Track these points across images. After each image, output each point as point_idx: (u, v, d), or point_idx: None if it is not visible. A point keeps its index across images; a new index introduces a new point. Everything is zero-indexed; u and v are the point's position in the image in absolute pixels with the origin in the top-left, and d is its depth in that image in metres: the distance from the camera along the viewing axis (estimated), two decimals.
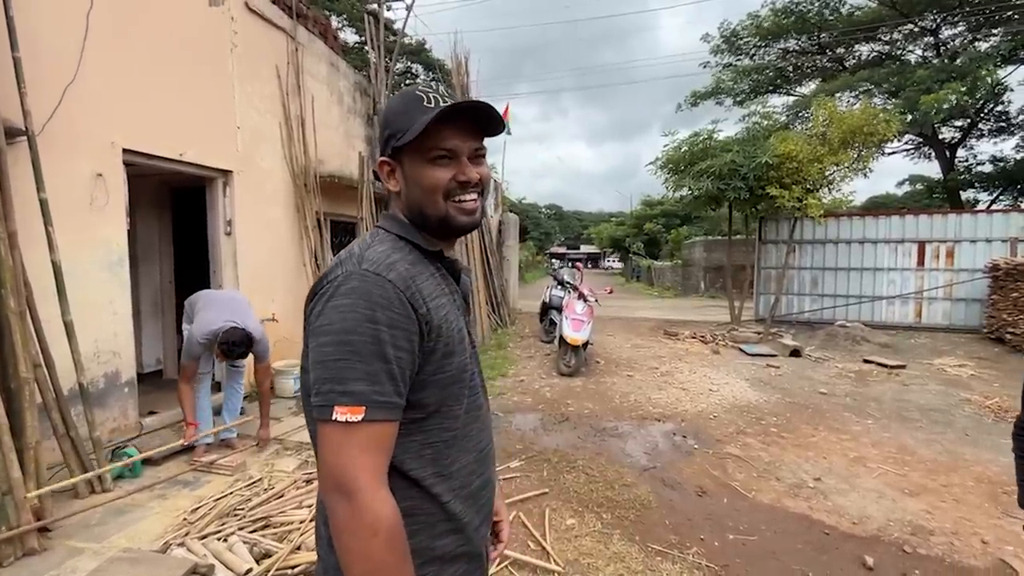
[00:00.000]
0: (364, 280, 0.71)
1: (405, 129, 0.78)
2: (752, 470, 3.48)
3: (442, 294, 0.81)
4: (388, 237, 0.82)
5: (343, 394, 0.68)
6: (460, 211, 0.82)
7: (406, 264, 0.77)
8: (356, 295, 0.70)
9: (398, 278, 0.73)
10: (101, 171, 3.41)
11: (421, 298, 0.74)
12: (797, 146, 8.29)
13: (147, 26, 3.73)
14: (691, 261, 21.78)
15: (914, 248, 9.53)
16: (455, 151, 0.80)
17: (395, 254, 0.77)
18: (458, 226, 0.83)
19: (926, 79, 13.60)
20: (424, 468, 0.78)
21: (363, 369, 0.68)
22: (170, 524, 2.59)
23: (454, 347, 0.79)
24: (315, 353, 0.72)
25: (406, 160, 0.81)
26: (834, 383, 5.88)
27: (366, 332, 0.69)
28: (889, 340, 8.17)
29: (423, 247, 0.83)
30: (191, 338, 3.26)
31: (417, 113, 0.77)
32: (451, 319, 0.80)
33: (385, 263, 0.74)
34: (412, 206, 0.83)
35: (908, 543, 2.60)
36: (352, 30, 16.68)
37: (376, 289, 0.71)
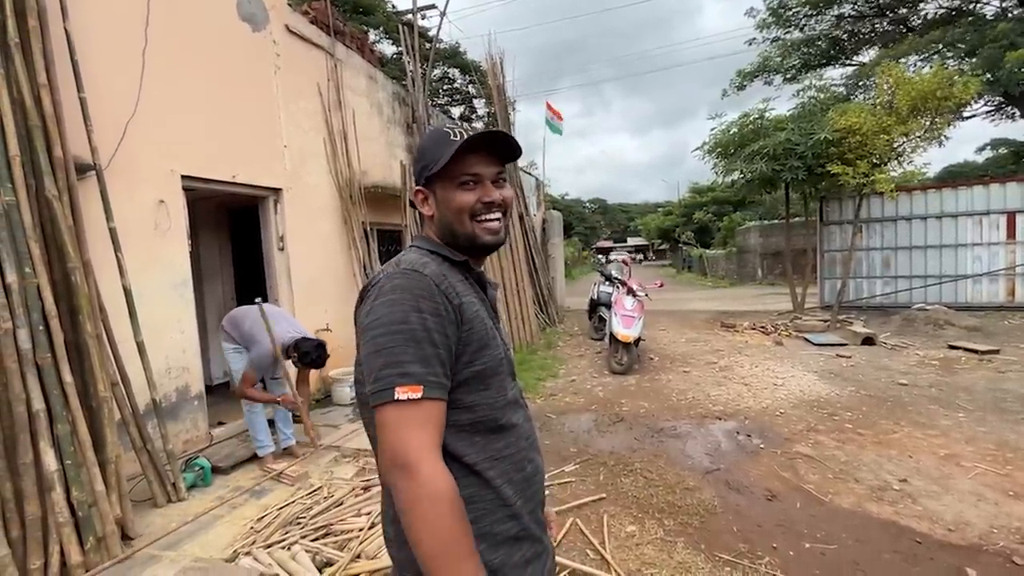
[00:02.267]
0: (405, 276, 0.81)
1: (436, 160, 0.89)
2: (827, 471, 3.23)
3: (471, 294, 0.90)
4: (423, 251, 0.92)
5: (402, 375, 0.74)
6: (485, 230, 0.93)
7: (437, 266, 0.87)
8: (400, 290, 0.79)
9: (433, 273, 0.83)
10: (163, 198, 3.62)
11: (454, 291, 0.84)
12: (860, 118, 7.69)
13: (197, 58, 3.93)
14: (746, 248, 20.80)
15: (1003, 219, 8.64)
16: (479, 176, 0.92)
17: (428, 258, 0.88)
18: (483, 244, 0.93)
19: (1008, 33, 12.29)
20: (478, 454, 0.85)
21: (416, 353, 0.75)
22: (238, 533, 2.70)
23: (487, 340, 0.87)
24: (369, 345, 0.78)
25: (438, 187, 0.93)
26: (915, 373, 5.40)
27: (415, 320, 0.77)
28: (977, 323, 7.43)
29: (451, 258, 0.92)
30: (261, 353, 3.37)
31: (445, 147, 0.88)
32: (482, 315, 0.88)
33: (420, 262, 0.85)
34: (444, 227, 0.94)
35: (1017, 553, 2.31)
36: (389, 41, 17.07)
37: (416, 282, 0.80)
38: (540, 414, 4.55)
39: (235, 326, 3.55)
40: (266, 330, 3.42)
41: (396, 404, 0.74)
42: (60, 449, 2.44)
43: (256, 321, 3.47)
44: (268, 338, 3.39)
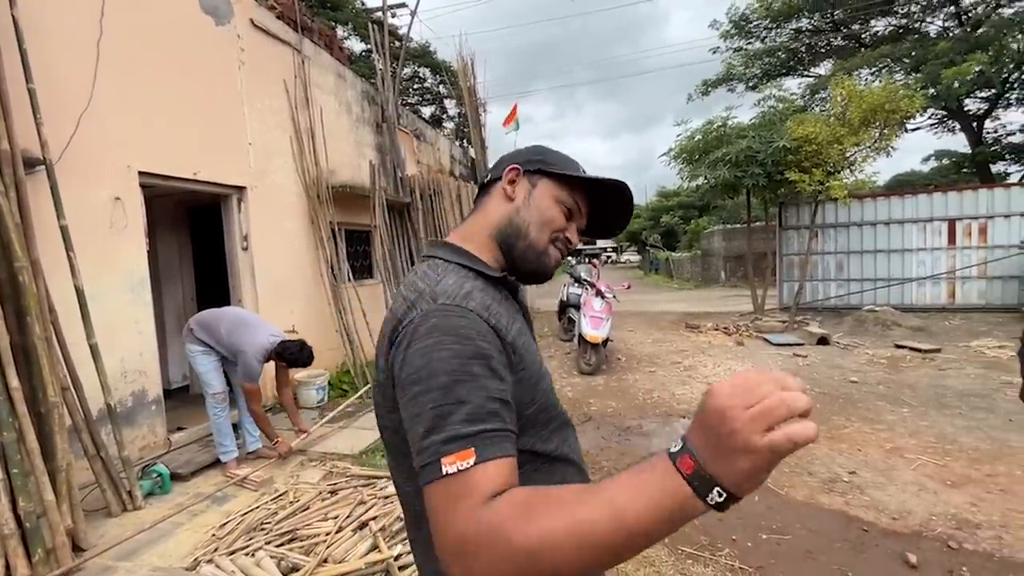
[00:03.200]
0: (445, 315, 0.66)
1: (560, 166, 0.84)
2: (783, 465, 3.37)
3: (515, 319, 0.77)
4: (450, 267, 0.77)
5: (447, 441, 0.58)
6: (554, 256, 0.84)
7: (479, 292, 0.73)
8: (440, 332, 0.64)
9: (479, 307, 0.69)
10: (119, 195, 3.48)
11: (503, 325, 0.71)
12: (815, 128, 8.06)
13: (156, 50, 3.80)
14: (710, 251, 21.43)
15: (944, 226, 9.20)
16: (575, 214, 0.85)
17: (467, 283, 0.73)
18: (547, 265, 0.84)
19: (948, 51, 13.11)
20: None
21: (464, 409, 0.59)
22: (199, 540, 2.62)
23: (538, 372, 0.77)
24: (408, 409, 0.63)
25: (540, 186, 0.84)
26: (865, 371, 5.70)
27: (458, 368, 0.61)
28: (921, 323, 7.89)
29: (487, 273, 0.79)
30: (253, 362, 3.31)
31: (576, 168, 0.85)
32: (529, 345, 0.78)
33: (461, 293, 0.70)
34: (516, 223, 0.82)
35: (953, 538, 2.48)
36: (358, 38, 16.82)
37: (460, 321, 0.66)
38: None
39: (207, 330, 3.44)
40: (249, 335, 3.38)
41: (444, 480, 0.56)
42: (6, 458, 2.32)
43: (236, 327, 3.39)
44: (254, 344, 3.34)
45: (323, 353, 5.41)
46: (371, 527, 2.54)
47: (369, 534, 2.49)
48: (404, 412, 0.64)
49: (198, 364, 3.44)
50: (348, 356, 5.34)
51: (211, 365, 3.42)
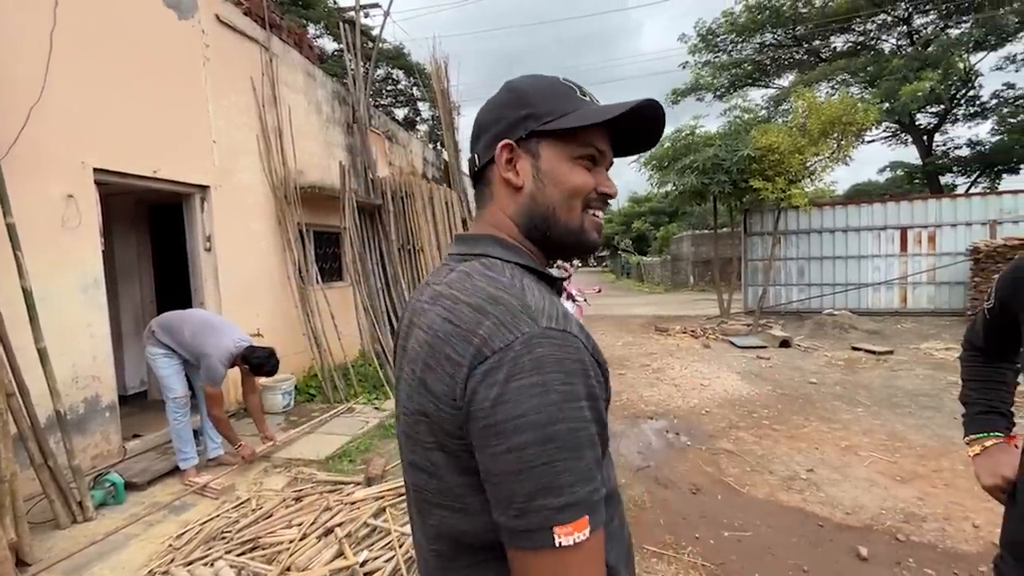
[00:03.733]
0: (553, 344, 0.54)
1: (556, 112, 0.65)
2: (745, 464, 3.48)
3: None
4: (514, 269, 0.64)
5: (562, 509, 0.50)
6: (594, 226, 0.69)
7: (559, 306, 0.60)
8: (550, 367, 0.52)
9: (581, 332, 0.58)
10: (72, 192, 3.33)
11: (596, 349, 0.59)
12: (778, 138, 8.37)
13: (115, 43, 3.66)
14: (679, 256, 21.91)
15: (897, 234, 9.67)
16: (603, 157, 0.68)
17: (548, 295, 0.61)
18: (590, 242, 0.69)
19: (902, 68, 13.82)
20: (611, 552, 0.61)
21: (578, 468, 0.51)
22: (155, 551, 2.53)
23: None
24: (503, 459, 0.52)
25: (544, 151, 0.66)
26: (824, 372, 5.92)
27: (572, 416, 0.52)
28: (876, 326, 8.25)
29: (543, 273, 0.68)
30: (217, 366, 3.22)
31: (573, 100, 0.66)
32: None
33: (559, 314, 0.57)
34: (536, 210, 0.67)
35: (901, 531, 2.61)
36: (330, 37, 16.58)
37: (570, 354, 0.54)
38: None
39: (169, 332, 3.33)
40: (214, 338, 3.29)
41: (557, 552, 0.50)
42: None
43: (201, 330, 3.30)
44: (219, 347, 3.25)
45: (290, 357, 5.30)
46: (336, 533, 2.50)
47: (335, 540, 2.44)
48: (494, 461, 0.52)
49: (159, 367, 3.32)
50: (316, 360, 5.24)
51: (172, 368, 3.31)
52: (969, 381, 1.20)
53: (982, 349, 1.16)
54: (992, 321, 1.08)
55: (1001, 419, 1.11)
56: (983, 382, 1.17)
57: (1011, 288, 0.98)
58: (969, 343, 1.21)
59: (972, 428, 1.14)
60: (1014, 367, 1.14)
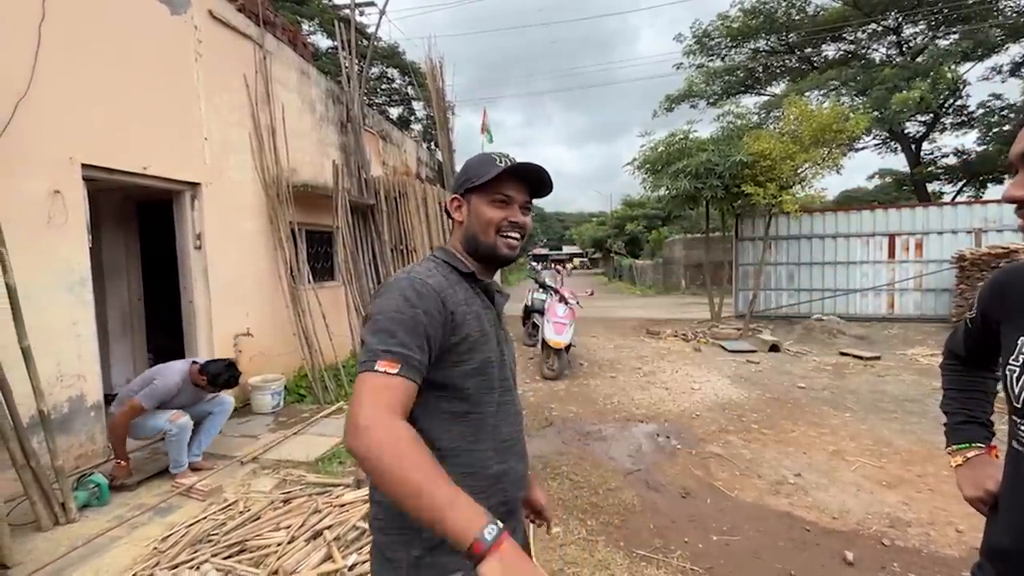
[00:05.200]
0: (410, 280, 0.93)
1: (479, 176, 1.02)
2: (734, 468, 3.50)
3: (473, 303, 1.01)
4: (435, 261, 1.04)
5: (386, 351, 0.84)
6: (505, 244, 1.05)
7: (442, 278, 0.98)
8: (402, 288, 0.91)
9: (435, 283, 0.95)
10: (59, 188, 3.28)
11: (453, 300, 0.95)
12: (770, 144, 8.43)
13: (105, 37, 3.62)
14: (671, 259, 22.01)
15: (885, 241, 9.78)
16: (511, 199, 1.04)
17: (437, 271, 0.99)
18: (502, 256, 1.05)
19: (892, 77, 14.01)
20: (450, 441, 0.95)
21: (402, 337, 0.86)
22: (139, 555, 2.49)
23: (476, 344, 0.97)
24: (369, 327, 0.89)
25: (473, 199, 1.05)
26: (812, 377, 5.98)
27: (407, 312, 0.88)
28: (864, 332, 8.34)
29: (461, 269, 1.04)
30: (159, 385, 3.16)
31: (490, 167, 1.02)
32: (475, 323, 0.98)
33: (427, 273, 0.97)
34: (469, 235, 1.05)
35: (886, 536, 2.64)
36: (324, 34, 16.49)
37: (418, 287, 0.92)
38: None
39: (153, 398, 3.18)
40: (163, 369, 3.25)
41: (374, 374, 0.82)
42: None
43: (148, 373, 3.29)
44: (166, 371, 3.23)
45: (279, 357, 5.26)
46: (325, 536, 2.48)
47: (323, 543, 2.43)
48: (365, 332, 0.89)
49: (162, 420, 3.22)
50: (307, 360, 5.19)
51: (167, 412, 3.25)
52: (950, 390, 1.21)
53: (963, 358, 1.18)
54: (973, 331, 1.09)
55: (982, 430, 1.13)
56: (964, 391, 1.18)
57: (992, 299, 0.99)
58: (950, 352, 1.22)
59: (954, 439, 1.15)
60: (994, 376, 1.16)
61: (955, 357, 1.21)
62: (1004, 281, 0.97)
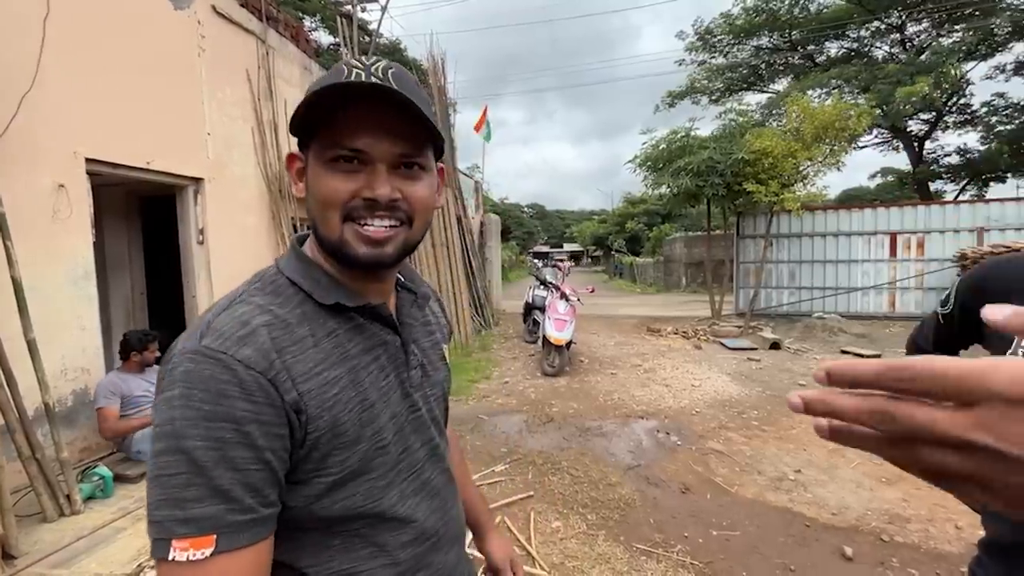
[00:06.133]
0: (203, 362, 0.52)
1: (299, 113, 0.58)
2: (735, 465, 3.52)
3: (339, 362, 0.60)
4: (271, 286, 0.62)
5: (183, 522, 0.49)
6: (359, 237, 0.60)
7: (276, 330, 0.57)
8: (191, 383, 0.51)
9: (254, 355, 0.54)
10: (63, 182, 3.30)
11: (290, 379, 0.55)
12: (772, 142, 8.42)
13: (110, 32, 3.62)
14: (672, 257, 22.00)
15: (886, 239, 9.78)
16: (366, 154, 0.58)
17: (259, 316, 0.57)
18: (353, 257, 0.60)
19: (896, 73, 13.98)
20: (323, 564, 0.61)
21: (207, 485, 0.50)
22: (143, 545, 2.51)
23: (352, 436, 0.59)
24: (150, 467, 0.52)
25: (310, 157, 0.61)
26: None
27: (206, 434, 0.50)
28: (865, 330, 8.35)
29: (316, 298, 0.62)
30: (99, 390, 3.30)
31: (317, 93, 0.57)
32: (348, 398, 0.60)
33: (237, 335, 0.55)
34: (312, 224, 0.63)
35: (885, 532, 2.66)
36: (325, 30, 16.48)
37: (219, 374, 0.52)
38: (472, 415, 4.59)
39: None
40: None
41: (173, 566, 0.48)
42: None
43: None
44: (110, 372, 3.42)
45: None
46: None
47: None
48: (148, 469, 0.53)
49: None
50: None
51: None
52: None
53: (929, 353, 1.16)
54: (946, 326, 1.05)
55: None
56: None
57: (973, 292, 0.96)
58: (916, 346, 1.20)
59: None
60: None
61: (921, 351, 1.17)
62: (993, 276, 0.94)
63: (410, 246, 0.65)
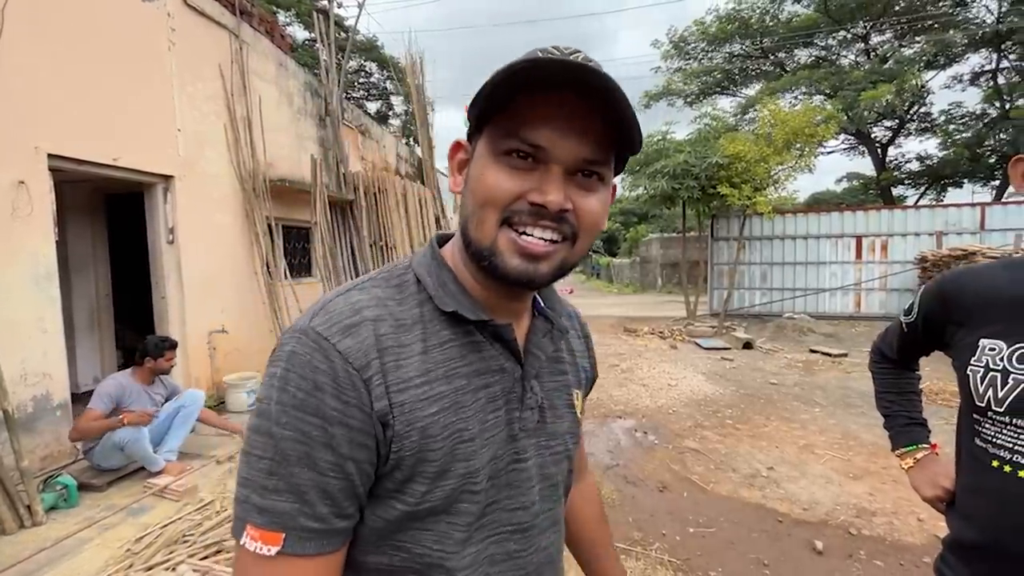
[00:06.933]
0: (307, 344, 0.49)
1: (488, 92, 0.50)
2: (710, 463, 3.60)
3: (445, 378, 0.53)
4: (396, 279, 0.57)
5: (258, 510, 0.47)
6: (515, 248, 0.51)
7: (385, 327, 0.51)
8: (292, 365, 0.48)
9: (354, 347, 0.49)
10: (23, 178, 3.16)
11: (384, 384, 0.49)
12: (745, 147, 8.64)
13: (74, 23, 3.48)
14: (648, 258, 22.33)
15: (853, 242, 10.13)
16: (545, 152, 0.50)
17: (371, 308, 0.52)
18: (502, 269, 0.52)
19: (860, 80, 14.52)
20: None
21: (286, 479, 0.46)
22: (111, 556, 2.42)
23: (438, 467, 0.51)
24: (245, 439, 0.50)
25: (479, 145, 0.54)
26: (783, 373, 6.16)
27: (295, 424, 0.47)
28: (832, 330, 8.63)
29: (440, 304, 0.55)
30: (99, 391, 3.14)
31: (508, 74, 0.49)
32: (446, 422, 0.52)
33: (344, 322, 0.50)
34: (462, 223, 0.55)
35: (853, 525, 2.75)
36: (301, 26, 16.16)
37: (319, 362, 0.48)
38: None
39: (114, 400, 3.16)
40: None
41: (242, 551, 0.47)
42: None
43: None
44: (119, 375, 3.27)
45: (255, 354, 5.16)
46: None
47: None
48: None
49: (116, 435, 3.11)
50: None
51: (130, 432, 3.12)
52: (887, 393, 1.23)
53: (893, 360, 1.20)
54: (910, 334, 1.09)
55: (923, 429, 1.17)
56: (900, 394, 1.20)
57: (941, 303, 0.98)
58: (880, 354, 1.24)
59: (900, 441, 1.17)
60: (917, 375, 1.21)
61: (885, 358, 1.23)
62: (954, 285, 0.96)
63: (567, 268, 0.55)
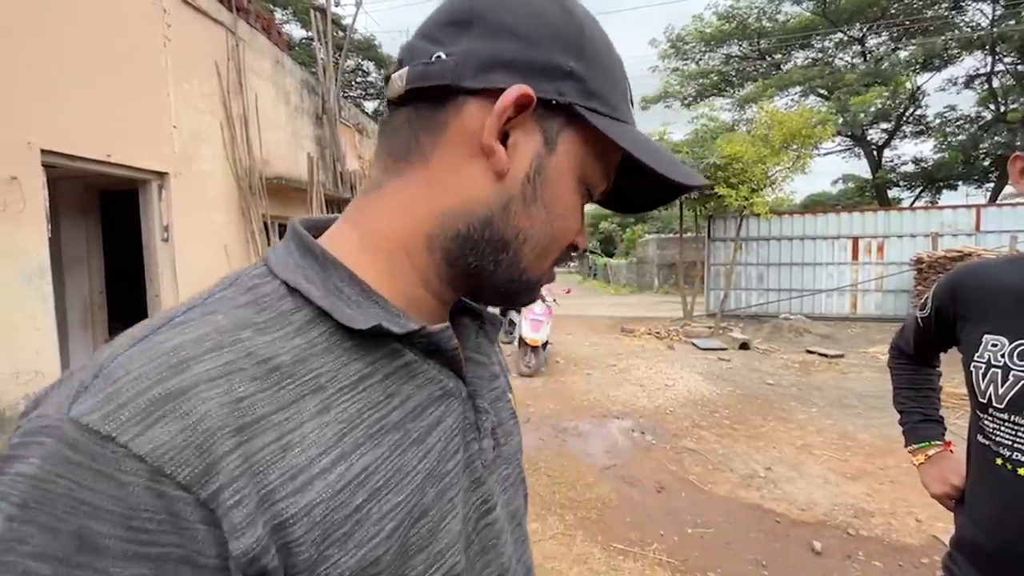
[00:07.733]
0: (63, 456, 0.27)
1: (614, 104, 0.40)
2: (708, 463, 3.59)
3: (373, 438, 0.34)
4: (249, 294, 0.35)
5: None
6: (548, 280, 0.44)
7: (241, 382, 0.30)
8: (28, 503, 0.26)
9: (177, 441, 0.27)
10: (15, 174, 3.11)
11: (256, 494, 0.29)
12: (742, 148, 8.66)
13: (68, 17, 3.44)
14: (645, 258, 22.36)
15: (849, 243, 10.16)
16: (596, 191, 0.43)
17: (211, 355, 0.30)
18: (526, 302, 0.45)
19: (855, 82, 14.60)
20: None
21: None
22: None
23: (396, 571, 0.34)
24: None
25: (566, 144, 0.39)
26: (780, 374, 6.17)
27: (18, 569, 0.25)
28: (829, 331, 8.66)
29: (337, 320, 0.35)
30: None
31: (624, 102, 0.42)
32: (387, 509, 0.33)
33: (151, 393, 0.28)
34: (495, 228, 0.38)
35: (851, 526, 2.75)
36: (298, 24, 16.11)
37: (85, 491, 0.26)
38: None
39: None
40: None
41: None
42: None
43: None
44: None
45: None
46: None
47: None
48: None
49: None
50: None
51: None
52: (903, 388, 1.23)
53: (911, 356, 1.20)
54: (925, 330, 1.10)
55: (938, 427, 1.16)
56: (917, 390, 1.21)
57: (950, 297, 0.99)
58: (898, 350, 1.24)
59: (914, 437, 1.18)
60: (936, 371, 1.20)
61: (903, 355, 1.23)
62: (962, 280, 0.98)
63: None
